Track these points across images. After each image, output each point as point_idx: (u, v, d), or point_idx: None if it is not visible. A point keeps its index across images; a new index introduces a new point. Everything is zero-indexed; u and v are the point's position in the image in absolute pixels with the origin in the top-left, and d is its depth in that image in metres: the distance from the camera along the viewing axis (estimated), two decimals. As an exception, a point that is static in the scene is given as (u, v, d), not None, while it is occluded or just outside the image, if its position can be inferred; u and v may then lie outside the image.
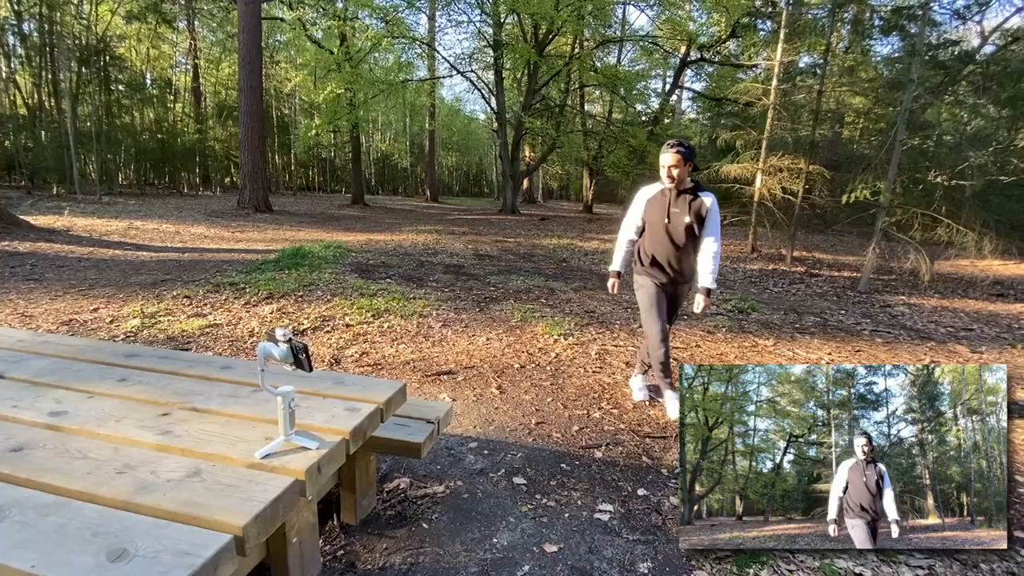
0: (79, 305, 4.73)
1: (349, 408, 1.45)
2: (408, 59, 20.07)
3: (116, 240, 8.68)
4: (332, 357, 3.65)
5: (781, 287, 7.36)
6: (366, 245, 9.38)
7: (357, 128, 20.55)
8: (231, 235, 10.19)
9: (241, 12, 14.26)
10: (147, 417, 1.37)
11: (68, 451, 1.18)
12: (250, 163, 14.76)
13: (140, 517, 0.97)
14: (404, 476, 2.27)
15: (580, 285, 6.67)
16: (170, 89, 24.77)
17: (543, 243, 11.19)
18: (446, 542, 1.86)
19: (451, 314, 4.89)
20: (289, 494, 1.09)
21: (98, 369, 1.69)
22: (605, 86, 19.63)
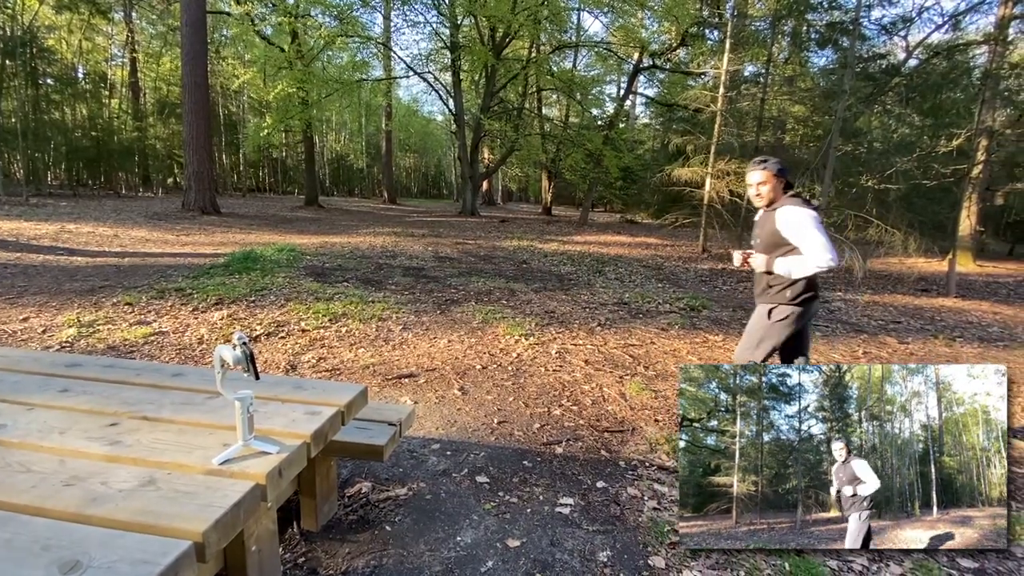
0: (7, 314, 4.40)
1: (309, 412, 1.45)
2: (363, 58, 19.74)
3: (47, 244, 8.10)
4: (288, 363, 3.56)
5: (730, 285, 7.72)
6: (321, 248, 9.16)
7: (310, 128, 20.01)
8: (176, 238, 9.71)
9: (184, 5, 13.61)
10: (93, 428, 1.32)
11: (9, 465, 1.13)
12: (195, 163, 14.08)
13: (93, 528, 0.94)
14: (366, 480, 2.26)
15: (540, 286, 6.76)
16: (105, 84, 23.29)
17: (503, 245, 11.26)
18: (410, 543, 1.87)
19: (411, 317, 4.87)
20: (250, 498, 1.08)
21: (36, 380, 1.60)
22: (562, 90, 19.99)
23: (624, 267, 8.96)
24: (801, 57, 12.86)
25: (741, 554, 1.85)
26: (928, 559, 1.81)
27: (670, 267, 9.28)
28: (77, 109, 21.54)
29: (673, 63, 18.23)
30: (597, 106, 22.13)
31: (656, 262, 9.81)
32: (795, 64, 13.02)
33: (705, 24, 15.91)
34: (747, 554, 1.85)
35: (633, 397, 3.27)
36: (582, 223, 18.36)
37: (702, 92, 11.84)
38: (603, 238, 14.18)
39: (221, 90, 25.44)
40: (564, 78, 18.97)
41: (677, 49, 17.20)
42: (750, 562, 1.81)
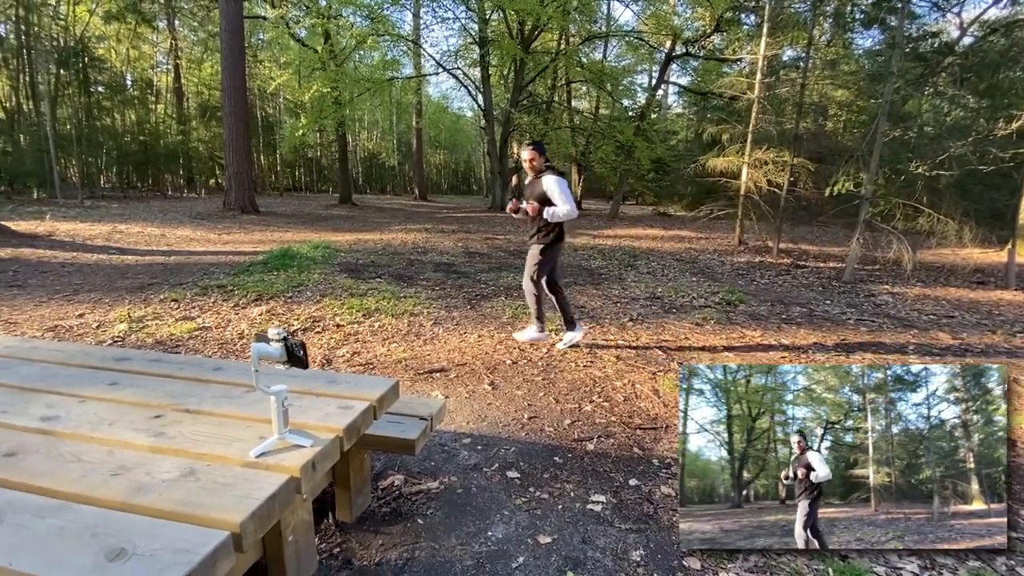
0: (64, 311, 4.67)
1: (342, 406, 1.47)
2: (394, 57, 19.95)
3: (100, 244, 8.55)
4: (323, 358, 3.65)
5: (768, 279, 7.46)
6: (355, 245, 9.34)
7: (343, 127, 20.40)
8: (218, 237, 10.09)
9: (223, 11, 14.07)
10: (140, 420, 1.37)
11: (62, 455, 1.19)
12: (235, 164, 14.60)
13: (137, 517, 0.98)
14: (398, 473, 2.29)
15: (570, 281, 6.70)
16: (151, 90, 24.40)
17: (533, 240, 11.21)
18: (441, 537, 1.88)
19: (442, 312, 4.91)
20: (285, 491, 1.10)
21: (88, 374, 1.68)
22: (592, 82, 19.70)
23: (656, 261, 8.78)
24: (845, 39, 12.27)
25: (781, 557, 1.78)
26: (984, 568, 1.73)
27: (705, 260, 9.05)
28: (126, 115, 22.63)
29: (707, 50, 17.70)
30: (628, 97, 21.73)
31: (690, 255, 9.58)
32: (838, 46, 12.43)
33: (741, 8, 15.35)
34: (788, 556, 1.78)
35: (667, 394, 3.20)
36: (613, 216, 18.10)
37: (738, 79, 11.45)
38: (634, 231, 13.95)
39: (259, 92, 26.25)
40: (594, 69, 18.69)
41: (711, 35, 16.67)
42: (791, 566, 1.74)
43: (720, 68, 17.30)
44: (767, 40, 10.03)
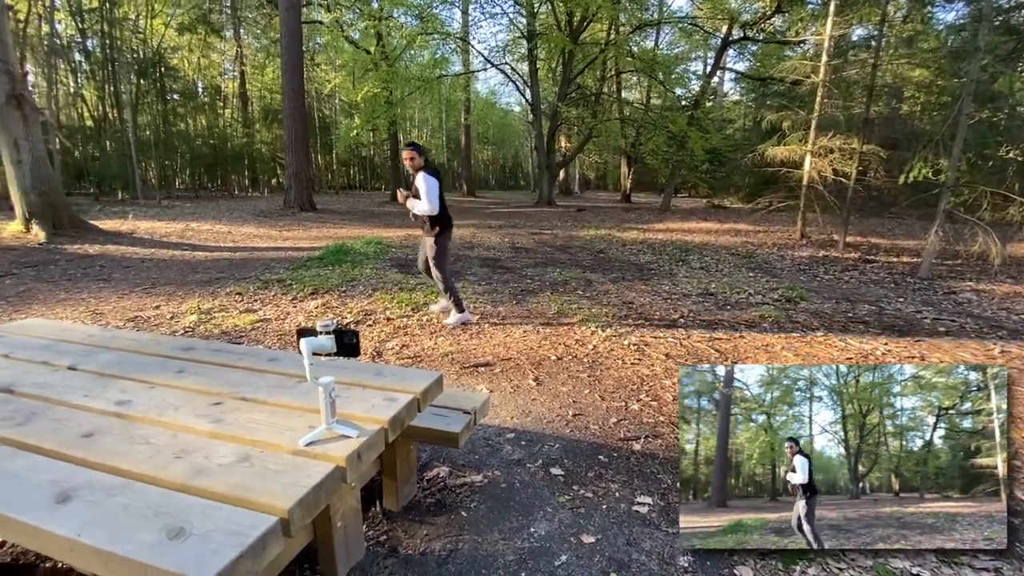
0: (143, 303, 5.06)
1: (387, 398, 1.49)
2: (443, 55, 20.22)
3: (175, 241, 9.21)
4: (374, 350, 3.75)
5: (832, 274, 7.01)
6: (405, 240, 9.57)
7: (395, 126, 20.92)
8: (278, 234, 10.62)
9: (282, 18, 14.75)
10: (201, 406, 1.45)
11: (132, 437, 1.28)
12: (295, 164, 15.31)
13: (195, 499, 1.04)
14: (444, 465, 2.32)
15: (618, 276, 6.57)
16: (219, 95, 25.96)
17: (580, 234, 11.09)
18: (484, 530, 1.89)
19: (488, 307, 4.93)
20: (331, 480, 1.14)
21: (158, 362, 1.81)
22: (643, 71, 19.16)
23: (710, 255, 8.45)
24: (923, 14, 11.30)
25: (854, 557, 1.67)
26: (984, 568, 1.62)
27: (763, 255, 8.62)
28: (197, 120, 24.23)
29: (767, 33, 16.79)
30: (681, 85, 20.98)
31: (747, 249, 9.15)
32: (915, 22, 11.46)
33: (805, -13, 14.44)
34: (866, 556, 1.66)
35: (719, 394, 3.07)
36: (664, 210, 17.59)
37: (801, 62, 10.77)
38: (687, 225, 13.50)
39: (316, 95, 27.36)
40: (645, 58, 18.17)
41: (772, 17, 15.80)
42: None
43: (781, 51, 16.36)
44: (834, 19, 9.38)
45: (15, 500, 1.01)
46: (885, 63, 9.66)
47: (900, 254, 8.60)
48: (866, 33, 11.97)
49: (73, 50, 20.00)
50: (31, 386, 1.56)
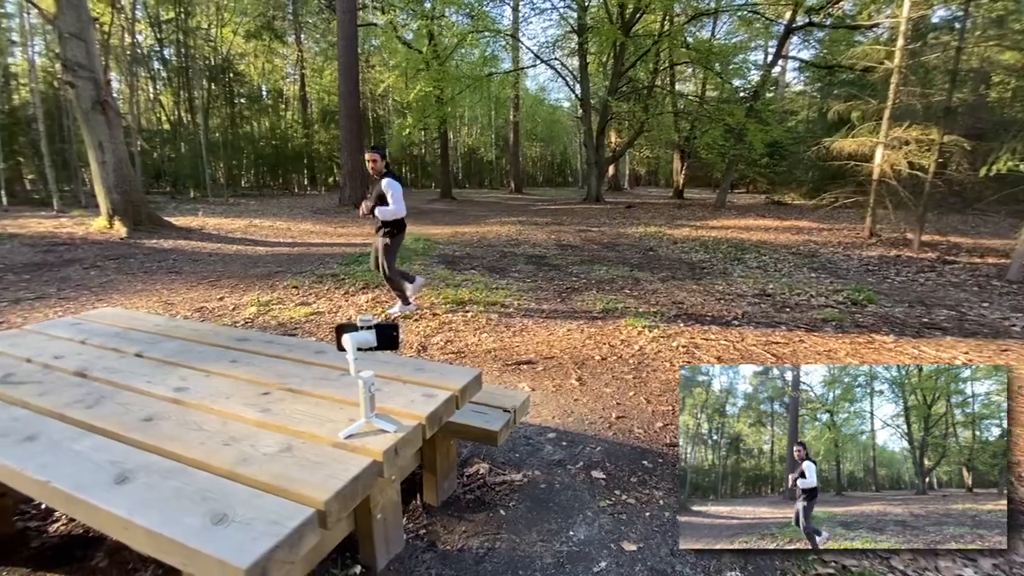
0: (209, 294, 5.38)
1: (426, 394, 1.50)
2: (492, 52, 20.30)
3: (239, 237, 9.76)
4: (419, 344, 3.81)
5: (906, 276, 6.49)
6: (452, 237, 9.69)
7: (445, 124, 21.22)
8: (333, 230, 11.04)
9: (339, 21, 15.27)
10: (251, 395, 1.51)
11: (187, 423, 1.34)
12: (349, 163, 15.84)
13: (239, 486, 1.07)
14: (484, 462, 2.31)
15: (668, 275, 6.37)
16: (281, 98, 27.29)
17: (628, 232, 10.84)
18: (523, 530, 1.87)
19: (532, 304, 4.90)
20: (368, 474, 1.14)
21: (215, 351, 1.90)
22: (698, 63, 18.46)
23: (768, 254, 8.04)
24: (1018, -11, 10.21)
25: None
26: None
27: (827, 254, 8.10)
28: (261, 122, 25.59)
29: (835, 18, 15.74)
30: (739, 76, 20.04)
31: (809, 248, 8.64)
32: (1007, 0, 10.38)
33: (880, -34, 13.44)
34: None
35: (774, 401, 2.90)
36: (719, 206, 16.91)
37: (874, 47, 10.01)
38: (743, 222, 12.91)
39: (370, 95, 28.21)
40: (701, 49, 17.48)
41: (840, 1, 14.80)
42: None
43: (851, 37, 15.29)
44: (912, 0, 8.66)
45: (78, 479, 1.08)
46: (971, 46, 8.82)
47: (985, 255, 7.84)
48: (949, 14, 10.98)
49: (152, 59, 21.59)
50: (101, 371, 1.68)
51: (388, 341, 1.38)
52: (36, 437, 1.26)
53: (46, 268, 6.41)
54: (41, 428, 1.31)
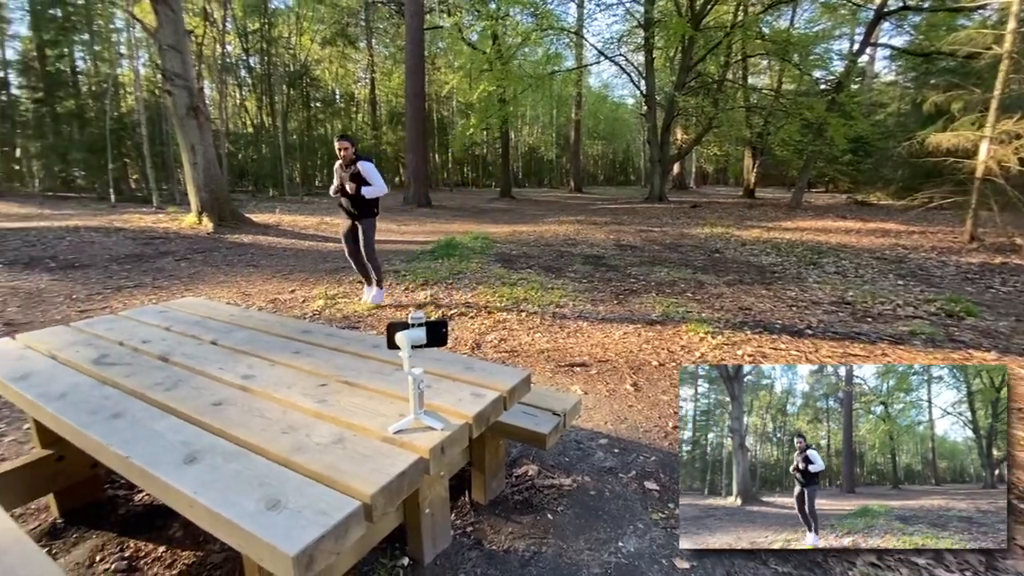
0: (281, 287, 5.72)
1: (475, 393, 1.50)
2: (556, 51, 20.20)
3: (311, 233, 10.33)
4: (474, 341, 3.85)
5: (1013, 286, 5.78)
6: (510, 236, 9.74)
7: (506, 124, 21.39)
8: (397, 228, 11.43)
9: (407, 25, 15.77)
10: (310, 386, 1.57)
11: (251, 410, 1.42)
12: (413, 163, 16.35)
13: (293, 474, 1.11)
14: (533, 464, 2.29)
15: (735, 279, 6.05)
16: (353, 101, 28.62)
17: (693, 232, 10.42)
18: (570, 537, 1.83)
19: (587, 305, 4.82)
20: (414, 470, 1.16)
21: (280, 342, 2.00)
22: (774, 54, 17.43)
23: (849, 259, 7.44)
24: None
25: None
26: None
27: (917, 260, 7.39)
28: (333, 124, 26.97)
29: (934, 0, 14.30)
30: (820, 67, 18.66)
31: (896, 253, 7.91)
32: None
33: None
34: None
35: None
36: (794, 206, 15.88)
37: (979, 32, 9.00)
38: (821, 223, 12.04)
39: (435, 97, 28.95)
40: (778, 39, 16.46)
41: (942, -20, 13.43)
42: None
43: (953, 20, 13.83)
44: (1031, -26, 7.70)
45: (153, 456, 1.17)
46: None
47: (1117, 263, 6.84)
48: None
49: (239, 67, 23.32)
50: (181, 356, 1.81)
51: (437, 338, 1.39)
52: (121, 415, 1.38)
53: (144, 259, 7.08)
54: (126, 407, 1.43)
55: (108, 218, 10.96)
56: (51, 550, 1.77)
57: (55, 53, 19.73)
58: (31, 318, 4.39)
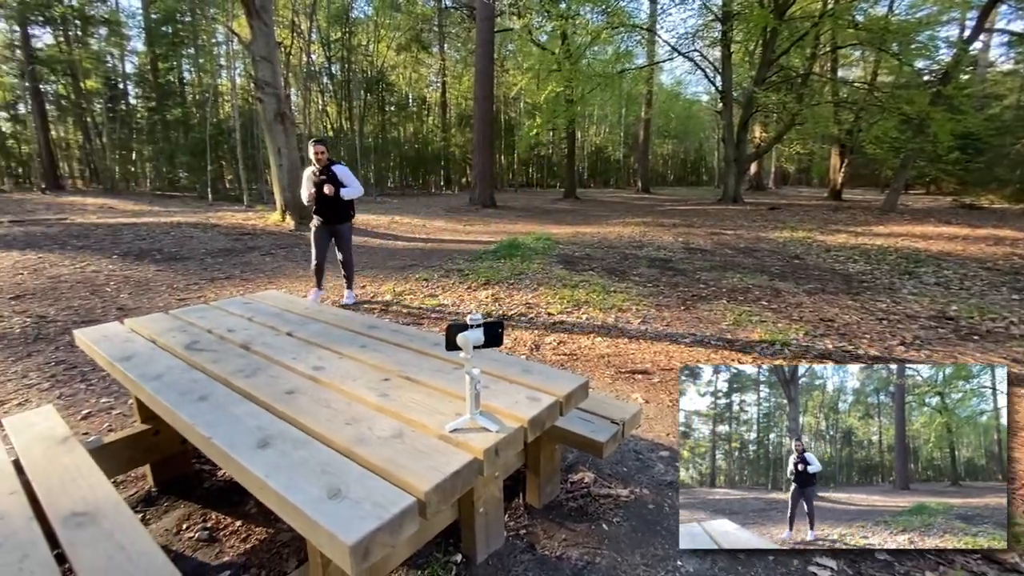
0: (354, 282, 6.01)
1: (531, 397, 1.48)
2: (627, 48, 19.77)
3: (382, 232, 10.79)
4: (533, 343, 3.84)
5: None
6: (573, 237, 9.64)
7: (573, 124, 21.22)
8: (462, 228, 11.67)
9: (478, 29, 16.08)
10: (374, 380, 1.63)
11: (319, 399, 1.49)
12: (480, 164, 16.64)
13: (354, 465, 1.16)
14: (589, 471, 2.25)
15: (816, 287, 5.63)
16: (424, 105, 29.60)
17: (770, 236, 9.81)
18: (625, 550, 1.77)
19: (652, 311, 4.66)
20: (468, 470, 1.16)
21: (349, 336, 2.10)
22: (870, 44, 16.00)
23: (952, 268, 6.69)
24: None
25: None
26: None
27: (1037, 271, 6.51)
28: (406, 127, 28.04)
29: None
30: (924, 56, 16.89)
31: (1012, 264, 7.01)
32: None
33: None
34: None
35: (950, 447, 2.39)
36: (888, 209, 14.52)
37: None
38: (920, 229, 10.92)
39: (503, 99, 29.28)
40: (874, 28, 15.09)
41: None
42: None
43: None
44: None
45: (232, 439, 1.26)
46: None
47: None
48: None
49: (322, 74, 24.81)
50: (261, 345, 1.95)
51: (494, 338, 1.39)
52: (207, 398, 1.50)
53: (234, 253, 7.71)
54: (212, 390, 1.55)
55: (205, 215, 12.05)
56: (144, 516, 1.96)
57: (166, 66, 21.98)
58: (139, 304, 4.91)
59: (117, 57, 22.11)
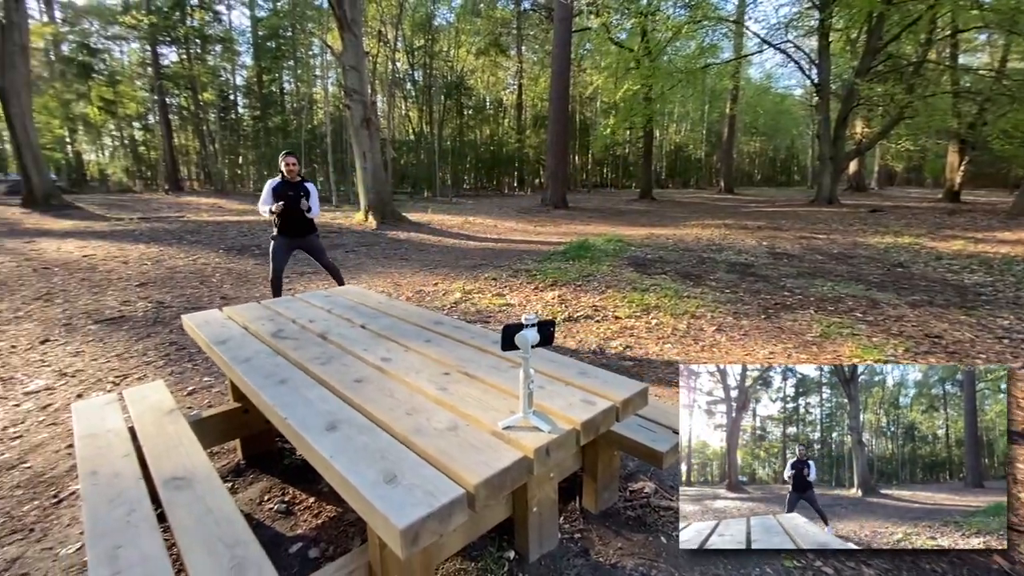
0: (426, 280, 6.26)
1: (586, 400, 1.47)
2: (711, 42, 18.86)
3: (455, 231, 11.11)
4: (597, 346, 3.79)
5: None
6: (646, 239, 9.36)
7: (650, 122, 20.59)
8: (533, 228, 11.73)
9: (555, 29, 16.08)
10: (435, 374, 1.70)
11: (384, 389, 1.58)
12: (553, 164, 16.63)
13: (410, 453, 1.21)
14: (650, 481, 2.18)
15: (922, 299, 5.06)
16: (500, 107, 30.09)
17: (869, 241, 8.94)
18: (684, 567, 1.70)
19: (728, 318, 4.42)
20: (517, 468, 1.18)
21: (415, 330, 2.19)
22: (998, 26, 14.08)
23: (1099, 282, 5.73)
24: None
25: None
26: None
27: None
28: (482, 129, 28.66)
29: None
30: (1070, 37, 14.59)
31: None
32: None
33: None
34: None
35: (1083, 490, 2.06)
36: (1016, 213, 12.70)
37: None
38: (1058, 236, 9.44)
39: (579, 98, 29.05)
40: (1003, 8, 13.26)
41: None
42: None
43: None
44: None
45: (304, 421, 1.36)
46: None
47: None
48: None
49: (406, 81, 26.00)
50: (336, 336, 2.09)
51: (547, 337, 1.39)
52: (286, 381, 1.64)
53: (321, 250, 8.29)
54: (291, 375, 1.69)
55: (298, 214, 13.05)
56: (233, 485, 2.17)
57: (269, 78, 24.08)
58: (239, 294, 5.43)
59: (229, 71, 24.62)
